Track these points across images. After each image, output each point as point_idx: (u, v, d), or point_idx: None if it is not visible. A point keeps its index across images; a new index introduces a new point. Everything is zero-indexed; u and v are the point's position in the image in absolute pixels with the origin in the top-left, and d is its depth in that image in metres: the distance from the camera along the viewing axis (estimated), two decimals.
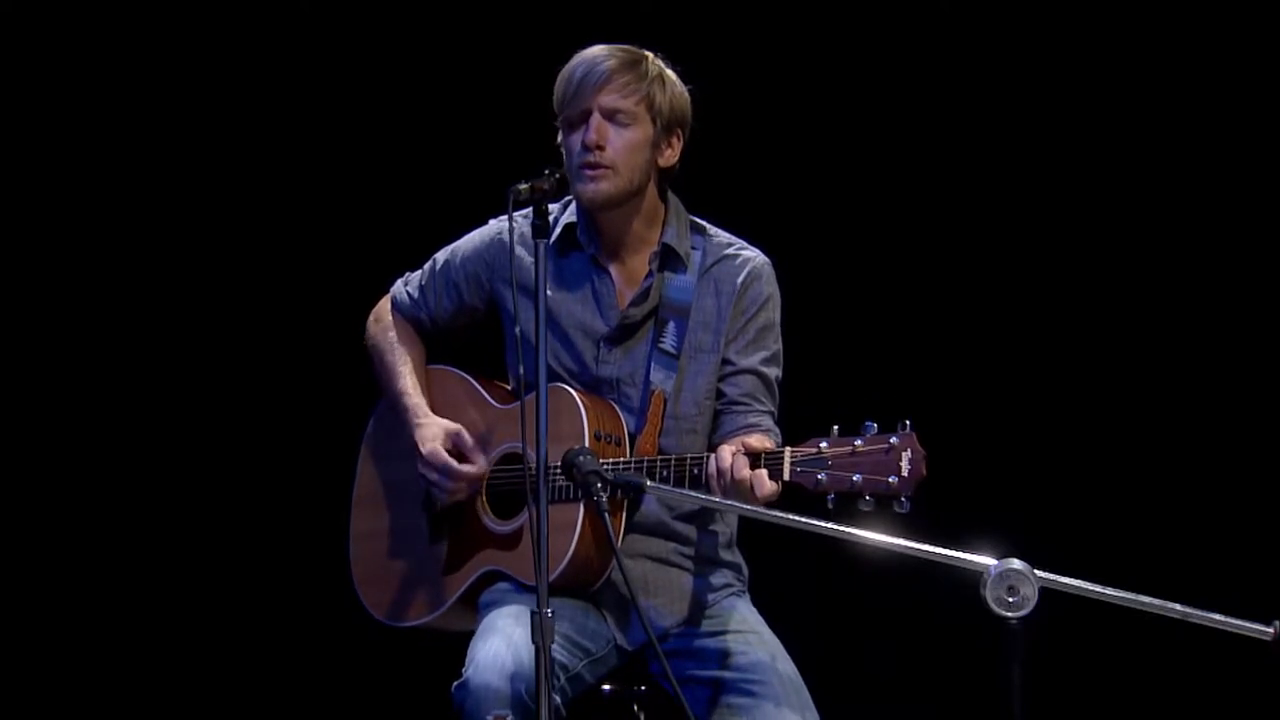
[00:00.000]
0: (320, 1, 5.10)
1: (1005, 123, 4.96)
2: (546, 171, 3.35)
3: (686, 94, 3.62)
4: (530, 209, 3.30)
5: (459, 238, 3.80)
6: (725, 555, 3.70)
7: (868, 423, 3.26)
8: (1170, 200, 4.93)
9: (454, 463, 3.63)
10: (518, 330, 3.36)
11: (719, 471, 3.34)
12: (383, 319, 3.86)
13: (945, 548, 2.98)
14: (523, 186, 3.31)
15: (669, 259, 3.64)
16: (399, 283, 3.87)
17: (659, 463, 3.44)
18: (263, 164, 5.12)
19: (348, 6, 5.10)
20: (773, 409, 3.63)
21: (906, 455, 3.21)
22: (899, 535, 3.05)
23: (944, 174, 5.01)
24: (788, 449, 3.31)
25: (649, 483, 3.29)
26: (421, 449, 3.66)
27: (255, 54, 5.10)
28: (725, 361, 3.63)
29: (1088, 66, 4.93)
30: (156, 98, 5.11)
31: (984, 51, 4.97)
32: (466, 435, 3.66)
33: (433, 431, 3.67)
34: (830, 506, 3.25)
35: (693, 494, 3.38)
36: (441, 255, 3.81)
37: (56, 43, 5.09)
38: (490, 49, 5.06)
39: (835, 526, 3.07)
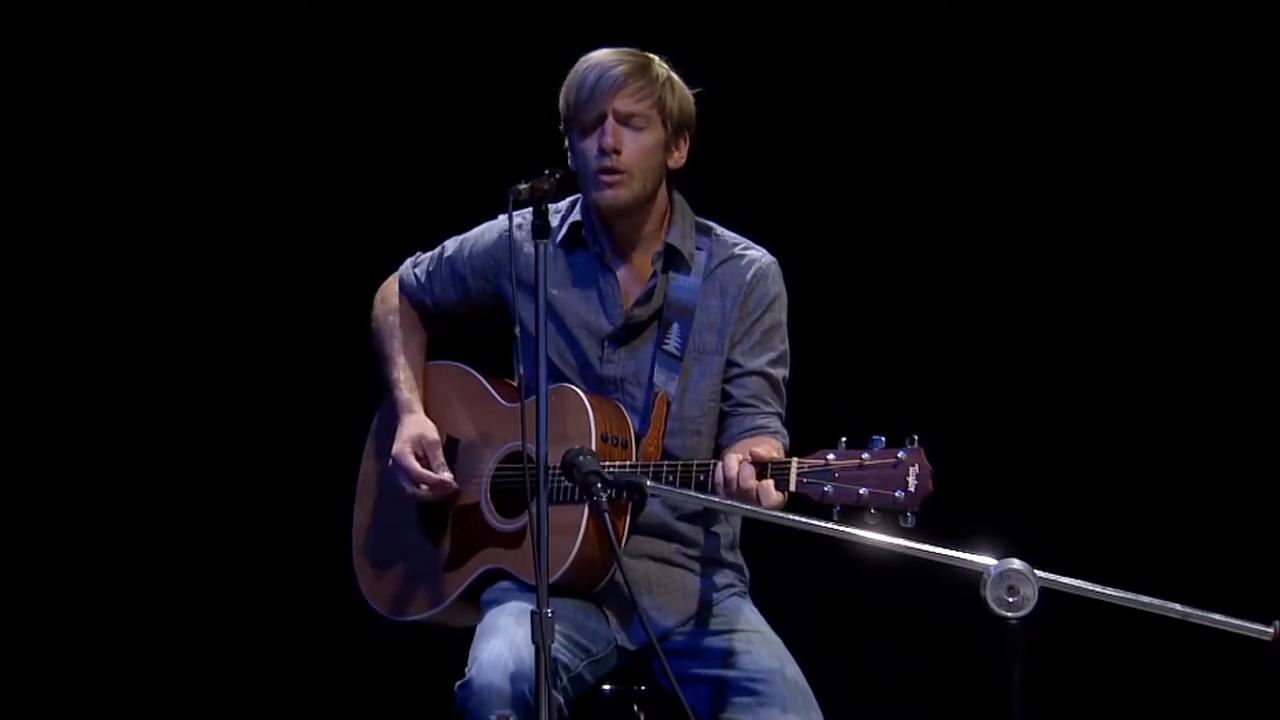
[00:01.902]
0: (329, 3, 5.12)
1: (1005, 130, 4.96)
2: (546, 171, 3.36)
3: (691, 96, 3.64)
4: (530, 209, 3.31)
5: (464, 226, 3.82)
6: (728, 556, 3.71)
7: (875, 437, 3.25)
8: (1169, 202, 4.93)
9: (415, 465, 3.65)
10: (517, 330, 3.37)
11: (725, 480, 3.34)
12: (388, 300, 3.87)
13: (945, 548, 2.98)
14: (523, 186, 3.33)
15: (673, 259, 3.65)
16: (408, 262, 3.88)
17: (665, 468, 3.44)
18: (269, 161, 5.13)
19: (357, 8, 5.12)
20: (780, 410, 3.63)
21: (914, 470, 3.20)
22: (899, 535, 3.05)
23: (942, 179, 5.01)
24: (794, 460, 3.30)
25: (649, 483, 3.29)
26: (393, 448, 3.69)
27: (264, 55, 5.11)
28: (732, 363, 3.63)
29: (1095, 71, 4.93)
30: (163, 99, 5.11)
31: (991, 55, 4.96)
32: (438, 447, 3.67)
33: (409, 433, 3.69)
34: (835, 518, 3.24)
35: (694, 494, 3.38)
36: (451, 245, 3.82)
37: (58, 43, 5.09)
38: (493, 47, 5.07)
39: (836, 527, 3.08)
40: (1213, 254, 4.91)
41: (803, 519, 3.12)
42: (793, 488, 3.28)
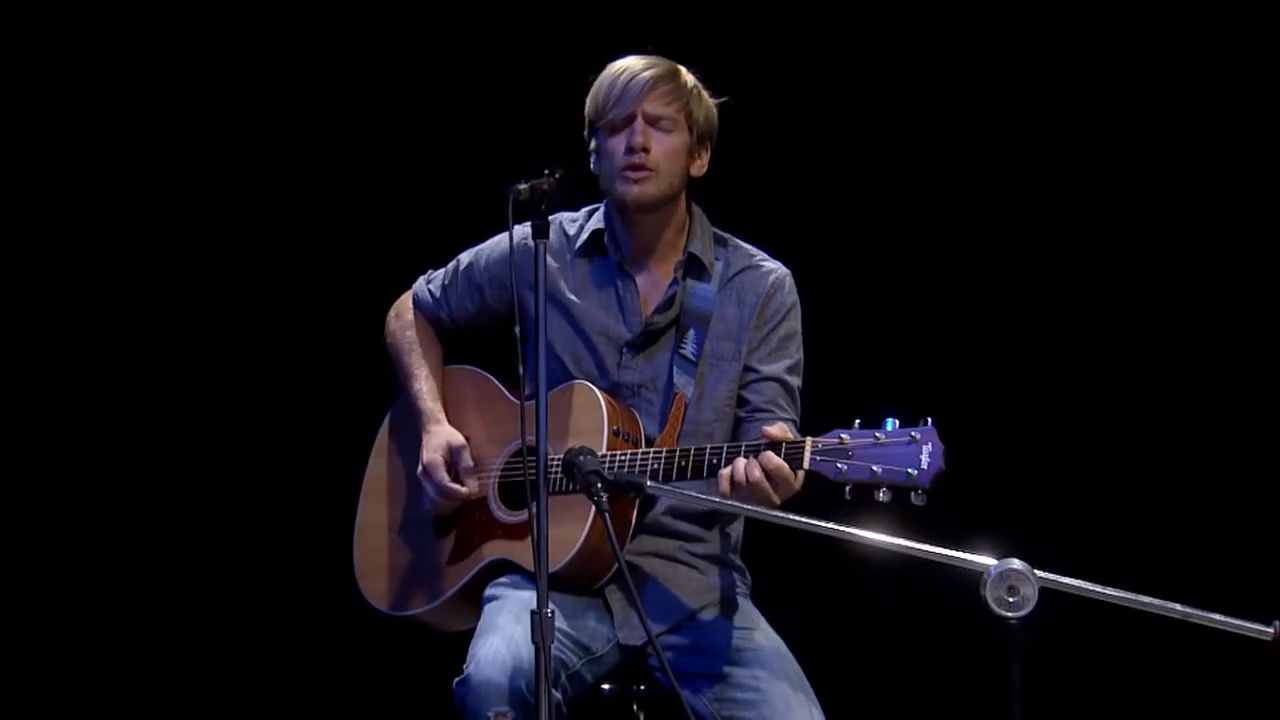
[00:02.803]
0: (339, 6, 5.12)
1: (1014, 129, 4.96)
2: (546, 171, 3.37)
3: (714, 107, 3.71)
4: (531, 214, 3.32)
5: (471, 237, 3.84)
6: (731, 558, 3.73)
7: (889, 417, 3.27)
8: (1170, 202, 4.93)
9: (446, 480, 3.67)
10: (517, 330, 3.38)
11: (734, 484, 3.34)
12: (403, 316, 3.90)
13: (945, 548, 2.98)
14: (522, 187, 3.34)
15: (693, 267, 3.69)
16: (421, 280, 3.91)
17: (678, 454, 3.46)
18: (279, 165, 5.13)
19: (366, 11, 5.12)
20: (795, 417, 3.66)
21: (927, 448, 3.23)
22: (899, 535, 3.05)
23: (944, 187, 5.01)
24: (809, 438, 3.33)
25: (649, 483, 3.29)
26: (423, 457, 3.69)
27: (271, 58, 5.12)
28: (749, 369, 3.67)
29: (1116, 75, 4.93)
30: (170, 107, 5.12)
31: (996, 54, 4.96)
32: (467, 455, 3.69)
33: (437, 441, 3.71)
34: (848, 497, 3.26)
35: (694, 494, 3.39)
36: (466, 256, 3.85)
37: (63, 45, 5.10)
38: (495, 51, 5.07)
39: (836, 527, 3.07)
40: (1213, 254, 4.91)
41: (803, 519, 3.12)
42: (806, 465, 3.31)
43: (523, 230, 3.72)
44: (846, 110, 5.01)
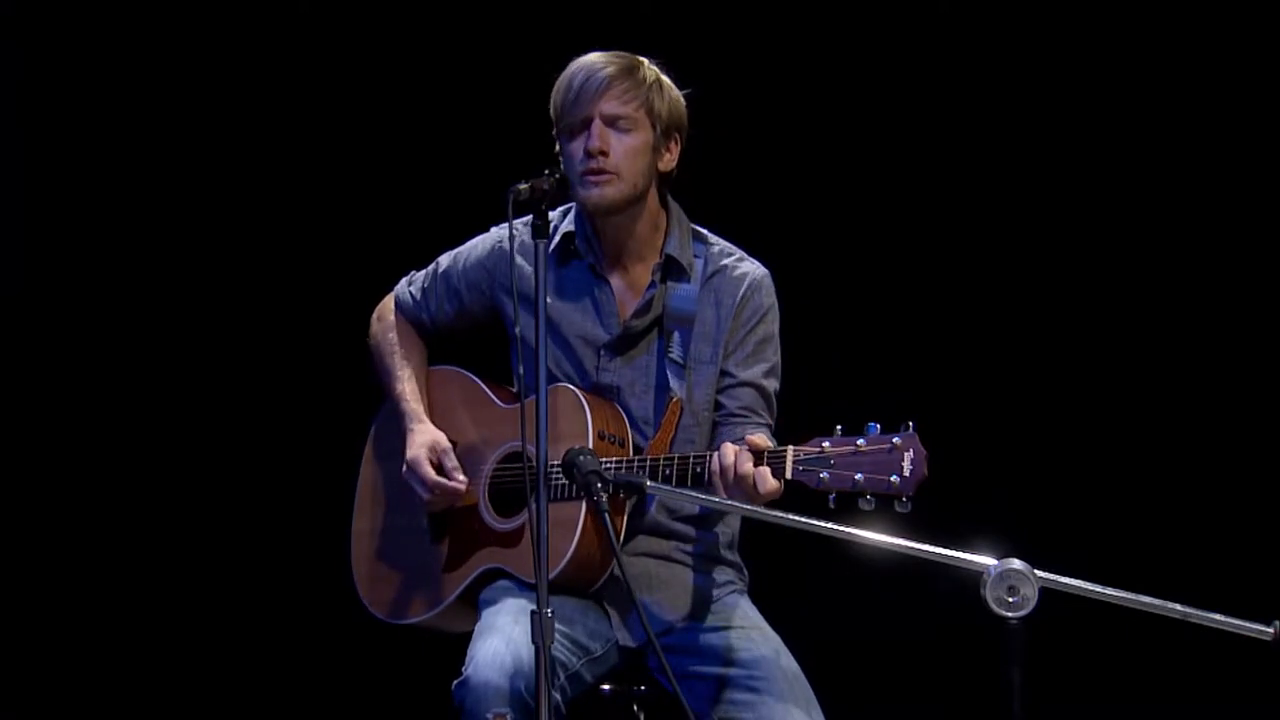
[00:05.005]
0: (337, 5, 5.12)
1: (1001, 125, 4.97)
2: (546, 171, 3.35)
3: (682, 99, 3.63)
4: (530, 213, 3.31)
5: (461, 237, 3.82)
6: (727, 555, 3.72)
7: (871, 424, 3.26)
8: (1169, 201, 4.93)
9: (431, 473, 3.65)
10: (517, 330, 3.37)
11: (722, 469, 3.34)
12: (385, 318, 3.87)
13: (945, 548, 2.98)
14: (522, 186, 3.32)
15: (671, 269, 3.64)
16: (403, 282, 3.88)
17: (662, 462, 3.44)
18: (267, 166, 5.13)
19: (364, 11, 5.12)
20: (770, 422, 3.63)
21: (909, 455, 3.21)
22: (899, 535, 3.05)
23: (943, 178, 5.01)
24: (790, 447, 3.30)
25: (649, 483, 3.29)
26: (406, 454, 3.68)
27: (264, 56, 5.11)
28: (725, 373, 3.63)
29: (1086, 69, 4.93)
30: (159, 101, 5.12)
31: (980, 54, 4.97)
32: (452, 455, 3.67)
33: (421, 439, 3.69)
34: (832, 506, 3.25)
35: (692, 494, 3.39)
36: (445, 259, 3.82)
37: (63, 45, 5.10)
38: (493, 50, 5.07)
39: (835, 526, 3.07)
40: (1212, 253, 4.91)
41: (802, 519, 3.11)
42: (789, 475, 3.28)
43: (500, 231, 3.73)
44: (829, 108, 5.01)
